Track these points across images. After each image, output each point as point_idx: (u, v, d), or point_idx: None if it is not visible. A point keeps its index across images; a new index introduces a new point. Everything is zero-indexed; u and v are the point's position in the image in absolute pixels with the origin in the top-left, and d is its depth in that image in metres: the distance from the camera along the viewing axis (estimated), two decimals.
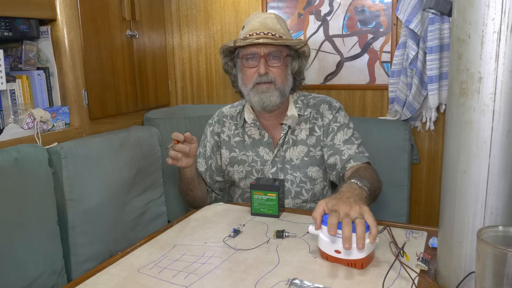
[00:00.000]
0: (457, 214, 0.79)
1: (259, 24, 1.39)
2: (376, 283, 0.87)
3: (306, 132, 1.45)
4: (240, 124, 1.51)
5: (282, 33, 1.39)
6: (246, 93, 1.42)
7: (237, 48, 1.42)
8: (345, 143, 1.40)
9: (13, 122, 1.44)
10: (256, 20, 1.41)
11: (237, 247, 1.06)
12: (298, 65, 1.45)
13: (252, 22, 1.41)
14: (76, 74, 1.61)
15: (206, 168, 1.56)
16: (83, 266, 1.46)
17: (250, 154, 1.48)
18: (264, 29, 1.37)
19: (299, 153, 1.44)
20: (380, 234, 0.98)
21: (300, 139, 1.44)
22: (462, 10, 0.74)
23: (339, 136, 1.42)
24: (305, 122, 1.46)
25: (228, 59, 1.48)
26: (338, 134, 1.42)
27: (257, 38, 1.34)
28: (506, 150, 0.73)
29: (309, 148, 1.44)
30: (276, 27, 1.39)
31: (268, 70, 1.36)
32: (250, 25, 1.40)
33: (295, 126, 1.45)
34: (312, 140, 1.44)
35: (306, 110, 1.47)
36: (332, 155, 1.41)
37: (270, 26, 1.38)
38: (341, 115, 1.45)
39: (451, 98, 0.79)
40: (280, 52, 1.37)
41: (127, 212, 1.67)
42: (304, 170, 1.43)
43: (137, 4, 1.88)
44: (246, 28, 1.42)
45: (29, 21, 1.50)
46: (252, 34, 1.37)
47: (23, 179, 1.29)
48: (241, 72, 1.43)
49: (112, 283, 0.92)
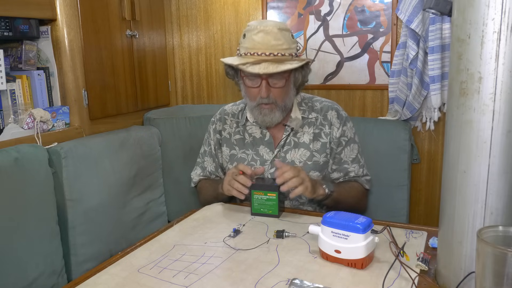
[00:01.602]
0: (457, 214, 0.79)
1: (260, 40, 1.29)
2: (376, 283, 0.87)
3: (309, 136, 1.44)
4: (242, 122, 1.50)
5: (285, 49, 1.31)
6: (249, 107, 1.43)
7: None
8: (352, 162, 1.45)
9: (13, 122, 1.44)
10: (257, 35, 1.30)
11: (237, 247, 1.06)
12: (301, 76, 1.41)
13: (253, 36, 1.31)
14: (76, 74, 1.61)
15: (215, 166, 1.57)
16: (83, 266, 1.47)
17: (250, 152, 1.48)
18: (265, 49, 1.29)
19: (301, 156, 1.43)
20: (380, 234, 0.98)
21: (303, 142, 1.44)
22: (462, 10, 0.74)
23: (347, 151, 1.45)
24: (309, 126, 1.45)
25: (229, 69, 1.44)
26: (346, 149, 1.45)
27: (258, 61, 1.28)
28: (506, 150, 0.73)
29: (312, 152, 1.43)
30: (278, 43, 1.30)
31: (269, 93, 1.33)
32: (251, 40, 1.31)
33: (298, 129, 1.44)
34: (317, 145, 1.44)
35: (310, 114, 1.46)
36: (337, 171, 1.46)
37: (273, 43, 1.29)
38: (348, 127, 1.47)
39: (451, 98, 0.79)
40: (282, 74, 1.32)
41: (127, 212, 1.68)
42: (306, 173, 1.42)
43: (137, 4, 1.88)
44: (247, 41, 1.33)
45: (29, 21, 1.50)
46: (253, 53, 1.30)
47: (23, 179, 1.29)
48: (244, 86, 1.40)
49: (112, 283, 0.92)
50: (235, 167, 1.32)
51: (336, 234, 0.94)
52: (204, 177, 1.59)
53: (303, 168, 1.41)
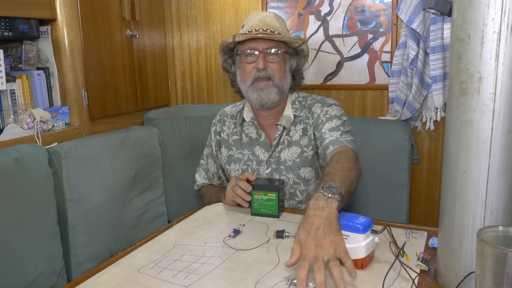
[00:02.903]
0: (457, 214, 0.79)
1: (258, 21, 1.41)
2: (376, 283, 0.87)
3: (300, 132, 1.45)
4: (239, 123, 1.51)
5: (280, 31, 1.40)
6: (244, 90, 1.42)
7: (236, 45, 1.43)
8: (330, 130, 1.35)
9: (13, 122, 1.44)
10: (255, 18, 1.43)
11: (237, 247, 1.06)
12: (296, 63, 1.46)
13: (251, 20, 1.43)
14: (76, 74, 1.61)
15: (217, 167, 1.58)
16: (83, 266, 1.46)
17: (246, 152, 1.49)
18: (263, 26, 1.39)
19: (292, 154, 1.43)
20: (380, 234, 0.98)
21: (294, 140, 1.44)
22: (462, 10, 0.74)
23: (327, 125, 1.36)
24: (300, 123, 1.46)
25: (227, 56, 1.49)
26: (326, 124, 1.37)
27: (255, 34, 1.36)
28: (506, 150, 0.73)
29: (302, 148, 1.43)
30: (275, 25, 1.41)
31: (266, 65, 1.37)
32: (250, 22, 1.42)
33: (289, 127, 1.44)
34: (305, 140, 1.43)
35: (302, 111, 1.46)
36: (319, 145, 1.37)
37: (269, 23, 1.40)
38: (333, 109, 1.40)
39: (451, 98, 0.79)
40: (278, 48, 1.39)
41: (127, 212, 1.68)
42: (297, 171, 1.42)
43: (137, 4, 1.88)
44: (246, 25, 1.44)
45: (29, 21, 1.50)
46: (251, 30, 1.39)
47: (23, 179, 1.29)
48: (240, 69, 1.44)
49: (112, 283, 0.92)
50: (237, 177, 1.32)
51: None
52: (208, 179, 1.62)
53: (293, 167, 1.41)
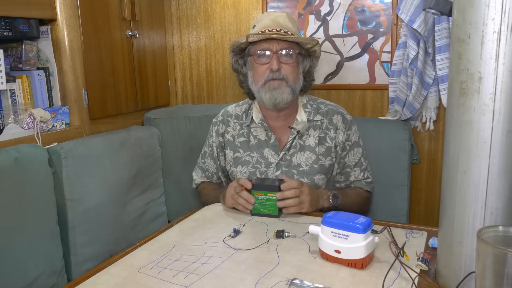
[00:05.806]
0: (457, 214, 0.79)
1: (271, 21, 1.38)
2: (376, 283, 0.87)
3: (315, 139, 1.43)
4: (246, 124, 1.48)
5: (294, 32, 1.38)
6: (256, 91, 1.40)
7: (248, 46, 1.41)
8: (355, 166, 1.48)
9: (13, 122, 1.44)
10: (268, 18, 1.40)
11: (237, 247, 1.06)
12: (309, 64, 1.44)
13: (264, 20, 1.40)
14: (76, 74, 1.61)
15: (217, 167, 1.57)
16: (83, 266, 1.47)
17: (255, 155, 1.46)
18: (276, 26, 1.36)
19: (307, 159, 1.42)
20: (380, 234, 0.98)
21: (308, 145, 1.43)
22: (462, 10, 0.74)
23: (351, 156, 1.47)
24: (314, 129, 1.45)
25: (238, 57, 1.46)
26: (350, 153, 1.47)
27: (270, 35, 1.34)
28: (506, 150, 0.73)
29: (318, 156, 1.43)
30: (288, 25, 1.38)
31: (280, 66, 1.35)
32: (262, 23, 1.39)
33: (304, 132, 1.44)
34: (322, 149, 1.43)
35: (316, 116, 1.45)
36: (340, 174, 1.49)
37: (282, 24, 1.38)
38: (353, 131, 1.48)
39: (451, 98, 0.79)
40: (292, 49, 1.37)
41: (127, 212, 1.67)
42: (312, 176, 1.42)
43: (137, 4, 1.88)
44: (258, 26, 1.40)
45: (29, 21, 1.50)
46: (264, 31, 1.36)
47: (23, 179, 1.29)
48: (252, 70, 1.41)
49: (112, 283, 0.92)
50: (236, 181, 1.31)
51: (336, 234, 0.94)
52: (206, 178, 1.60)
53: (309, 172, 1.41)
